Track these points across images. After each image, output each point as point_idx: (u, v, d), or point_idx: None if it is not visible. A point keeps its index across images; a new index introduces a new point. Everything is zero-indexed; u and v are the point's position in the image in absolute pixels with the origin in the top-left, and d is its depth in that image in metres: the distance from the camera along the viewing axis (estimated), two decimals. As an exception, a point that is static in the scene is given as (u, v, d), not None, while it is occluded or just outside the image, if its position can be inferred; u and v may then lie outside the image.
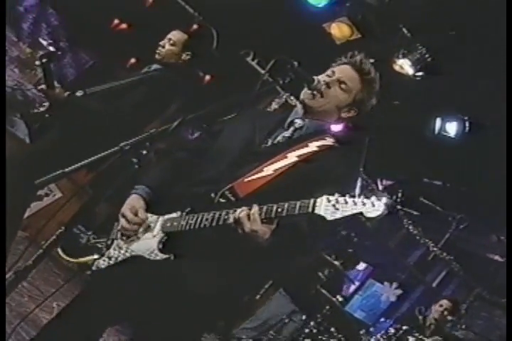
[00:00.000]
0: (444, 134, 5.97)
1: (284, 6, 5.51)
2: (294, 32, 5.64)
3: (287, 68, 2.48)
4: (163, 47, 4.39)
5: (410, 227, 6.73)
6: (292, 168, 2.58)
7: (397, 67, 5.56)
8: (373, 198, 2.14)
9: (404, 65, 5.50)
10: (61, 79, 6.99)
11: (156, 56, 4.37)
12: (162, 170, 2.81)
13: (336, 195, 2.17)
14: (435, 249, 6.90)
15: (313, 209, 2.20)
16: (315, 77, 2.64)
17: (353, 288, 8.95)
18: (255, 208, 2.32)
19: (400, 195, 6.71)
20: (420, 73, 5.49)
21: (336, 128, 2.85)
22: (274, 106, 6.31)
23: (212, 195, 2.51)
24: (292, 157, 2.60)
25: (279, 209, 2.28)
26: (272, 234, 2.36)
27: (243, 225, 2.32)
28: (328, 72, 2.77)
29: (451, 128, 5.94)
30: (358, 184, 6.79)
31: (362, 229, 7.32)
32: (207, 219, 2.42)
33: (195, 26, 5.69)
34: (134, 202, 2.65)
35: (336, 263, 6.74)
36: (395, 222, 7.43)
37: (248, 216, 2.31)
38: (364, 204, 2.13)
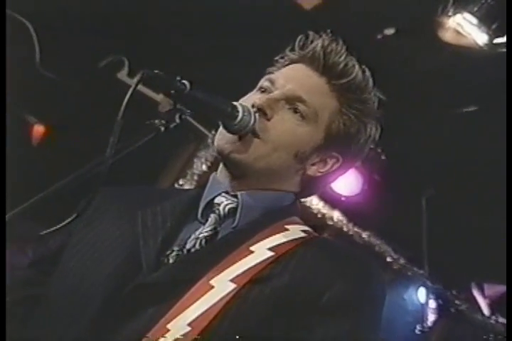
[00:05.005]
0: None
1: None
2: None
3: (172, 94, 1.25)
4: None
5: None
6: (223, 311, 1.24)
7: (449, 35, 3.06)
8: None
9: (465, 27, 3.01)
10: None
11: None
12: None
13: None
14: None
15: None
16: (237, 104, 1.35)
17: None
18: None
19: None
20: (500, 39, 2.99)
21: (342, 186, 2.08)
22: (203, 167, 3.56)
23: None
24: (227, 285, 1.28)
25: None
26: None
27: None
28: (264, 83, 1.46)
29: None
30: (427, 307, 3.71)
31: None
32: None
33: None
34: None
35: None
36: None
37: None
38: None
